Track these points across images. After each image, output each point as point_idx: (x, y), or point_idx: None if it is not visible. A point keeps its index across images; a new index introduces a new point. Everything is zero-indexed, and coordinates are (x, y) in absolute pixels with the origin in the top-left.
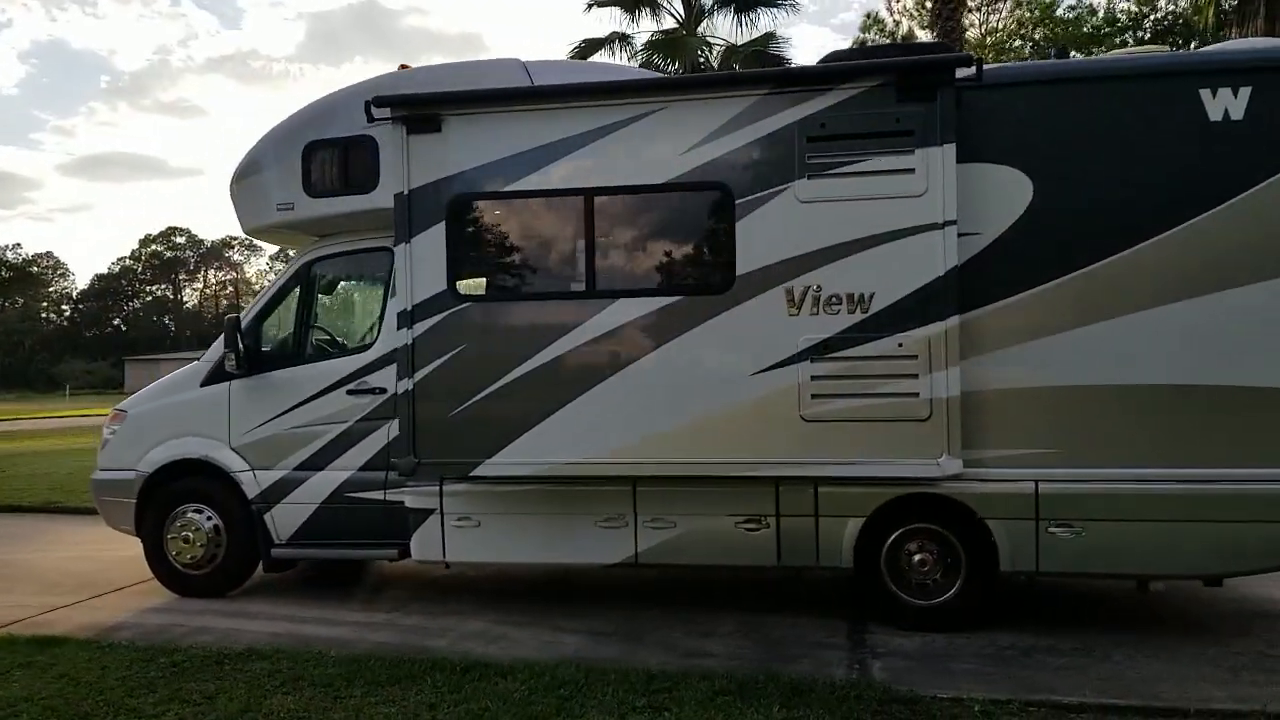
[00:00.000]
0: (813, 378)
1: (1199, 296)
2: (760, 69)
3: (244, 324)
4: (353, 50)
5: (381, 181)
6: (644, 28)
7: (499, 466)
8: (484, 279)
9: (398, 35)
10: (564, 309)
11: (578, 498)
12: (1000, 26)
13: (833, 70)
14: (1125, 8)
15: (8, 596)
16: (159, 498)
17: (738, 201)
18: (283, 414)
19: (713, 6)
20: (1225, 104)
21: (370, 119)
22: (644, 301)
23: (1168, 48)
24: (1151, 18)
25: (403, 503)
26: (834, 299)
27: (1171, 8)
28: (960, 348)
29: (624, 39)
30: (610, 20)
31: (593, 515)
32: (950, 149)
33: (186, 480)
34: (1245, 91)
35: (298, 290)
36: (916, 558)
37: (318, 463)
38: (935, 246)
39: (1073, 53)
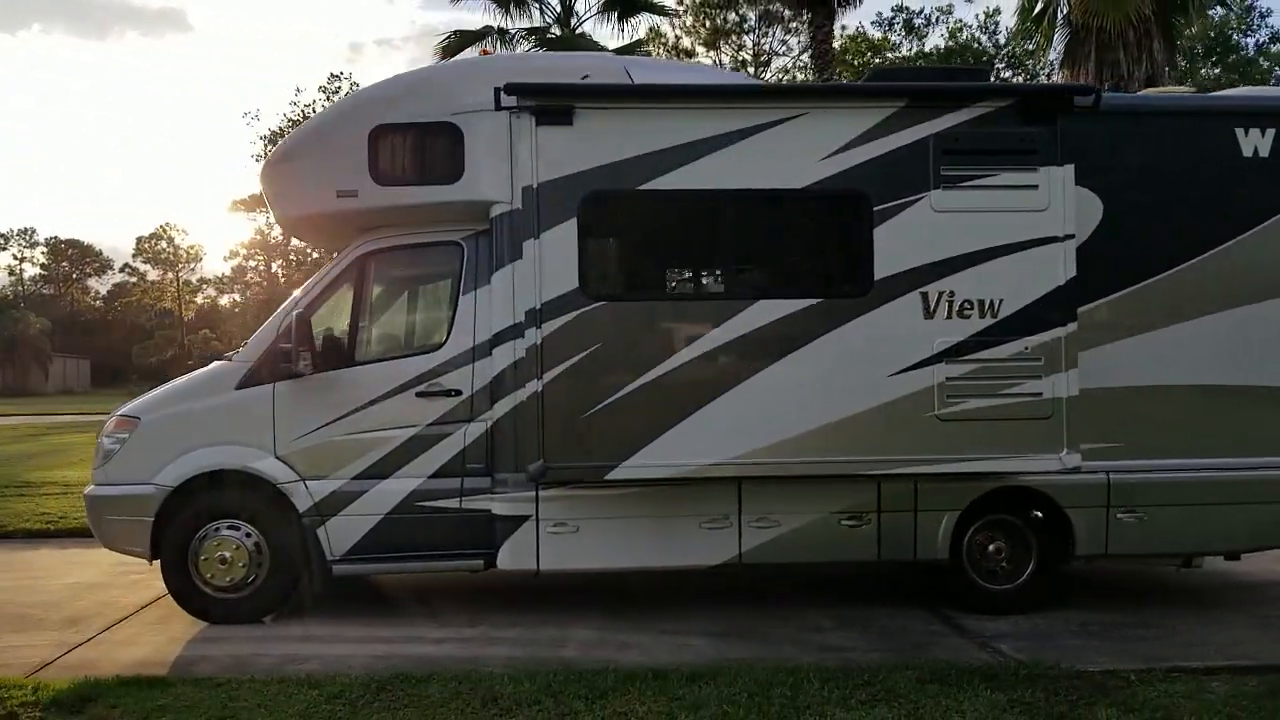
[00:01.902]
0: (948, 379)
1: (1235, 308)
2: (899, 83)
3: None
4: (31, 16)
5: (467, 173)
6: (490, 21)
7: (636, 469)
8: (618, 279)
9: (84, 3)
10: (702, 310)
11: (682, 499)
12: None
13: (967, 90)
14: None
15: None
16: (184, 515)
17: (875, 209)
18: (341, 418)
19: (600, 9)
20: (1255, 142)
21: (498, 105)
22: (783, 304)
23: (1188, 88)
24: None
25: (488, 511)
26: (966, 304)
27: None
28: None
29: (503, 34)
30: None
31: (697, 517)
32: (1069, 169)
33: (217, 494)
34: (1270, 133)
35: (353, 285)
36: (990, 547)
37: (382, 471)
38: (1056, 257)
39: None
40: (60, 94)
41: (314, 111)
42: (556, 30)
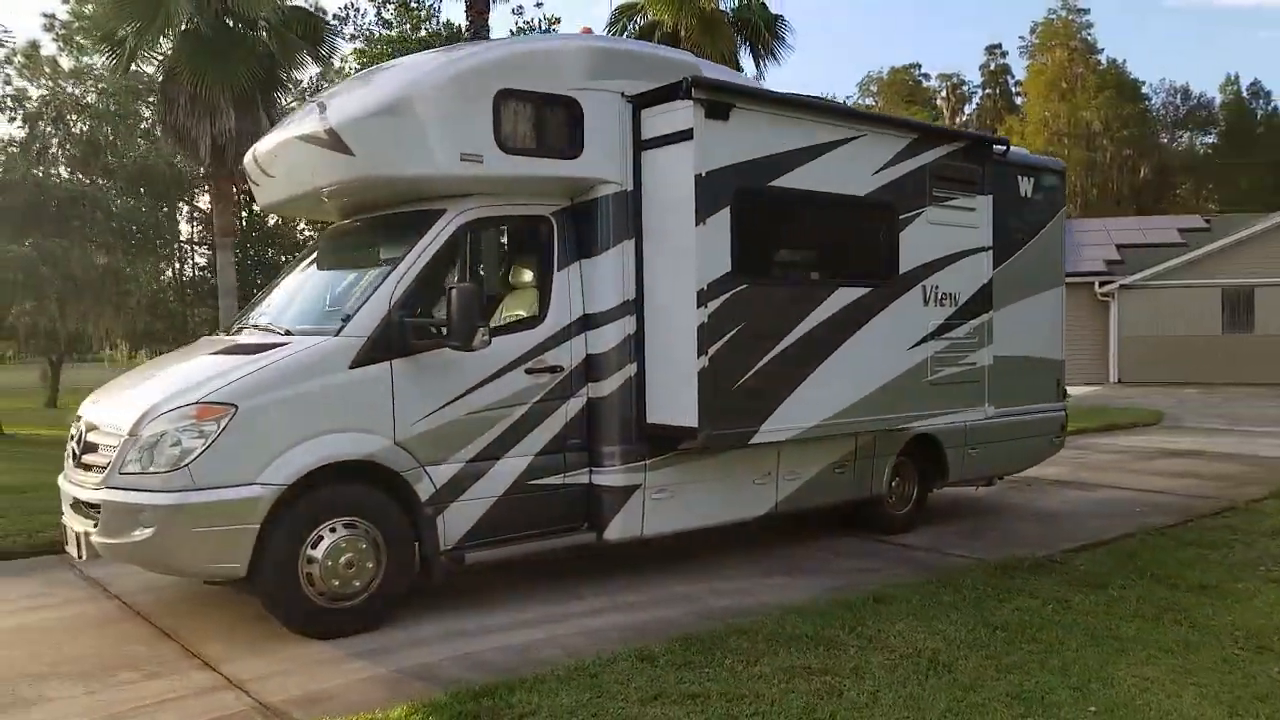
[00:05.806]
0: (934, 353)
1: (1018, 302)
2: (918, 120)
3: (401, 293)
4: None
5: (587, 149)
6: None
7: (767, 434)
8: (756, 263)
9: None
10: (809, 293)
11: (742, 460)
12: None
13: (946, 131)
14: None
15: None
16: (294, 517)
17: (899, 217)
18: (459, 398)
19: None
20: (1025, 187)
21: (682, 95)
22: (853, 290)
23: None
24: None
25: (587, 484)
26: (944, 296)
27: None
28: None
29: None
30: None
31: (752, 474)
32: (991, 198)
33: (332, 490)
34: (1032, 180)
35: (457, 255)
36: (894, 482)
37: (495, 451)
38: (984, 262)
39: None
40: None
41: None
42: None
